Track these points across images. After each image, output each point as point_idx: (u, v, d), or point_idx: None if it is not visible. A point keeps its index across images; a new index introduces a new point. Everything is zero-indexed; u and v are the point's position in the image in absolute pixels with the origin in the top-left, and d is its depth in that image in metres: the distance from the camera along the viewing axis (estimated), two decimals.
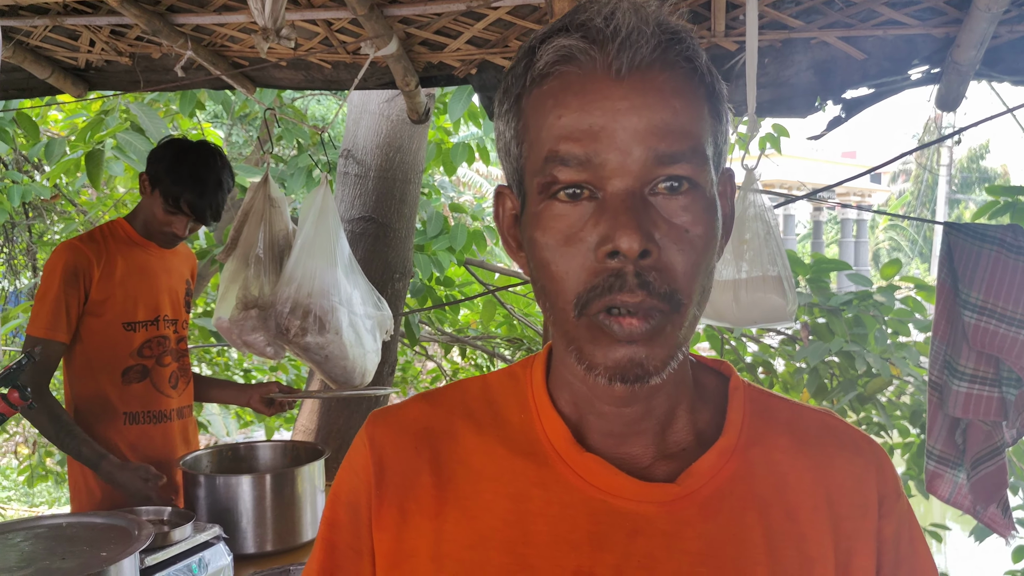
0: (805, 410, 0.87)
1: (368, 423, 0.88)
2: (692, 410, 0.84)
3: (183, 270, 2.66)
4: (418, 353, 6.51)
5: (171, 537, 1.80)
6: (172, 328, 2.58)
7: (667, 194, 0.72)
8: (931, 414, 2.38)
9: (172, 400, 2.58)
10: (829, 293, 4.02)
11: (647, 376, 0.73)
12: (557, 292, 0.74)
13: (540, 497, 0.80)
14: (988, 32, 2.16)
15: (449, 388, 0.90)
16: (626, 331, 0.71)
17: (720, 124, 0.77)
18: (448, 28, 2.55)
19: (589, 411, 0.82)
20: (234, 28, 2.63)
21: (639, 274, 0.70)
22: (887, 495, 0.83)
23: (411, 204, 3.88)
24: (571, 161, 0.72)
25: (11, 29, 2.65)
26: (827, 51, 2.39)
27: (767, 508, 0.79)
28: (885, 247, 28.76)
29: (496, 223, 0.86)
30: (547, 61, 0.74)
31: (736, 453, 0.81)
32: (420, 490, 0.82)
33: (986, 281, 2.23)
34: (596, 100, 0.72)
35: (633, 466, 0.80)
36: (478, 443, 0.84)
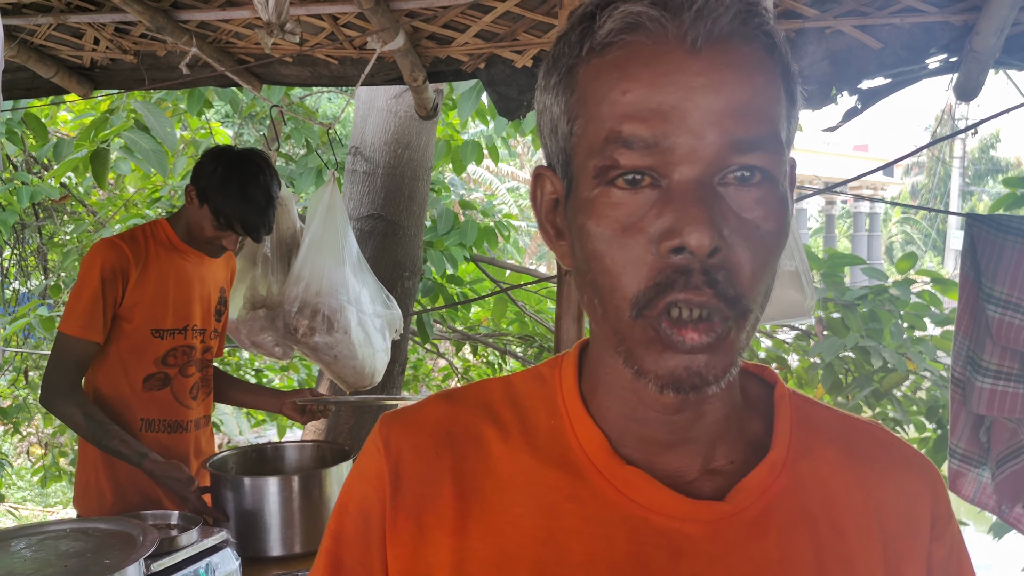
0: (853, 421, 0.81)
1: (382, 425, 0.80)
2: (740, 420, 0.77)
3: (219, 277, 2.60)
4: (429, 351, 6.49)
5: (178, 542, 1.77)
6: (199, 338, 2.53)
7: (738, 185, 0.65)
8: (954, 411, 2.33)
9: (191, 411, 2.53)
10: (843, 288, 3.97)
11: (705, 386, 0.66)
12: (612, 288, 0.67)
13: (574, 513, 0.73)
14: (1009, 19, 2.10)
15: (470, 388, 0.82)
16: (687, 344, 0.65)
17: (794, 108, 0.70)
18: (456, 22, 2.51)
19: (631, 416, 0.74)
20: (239, 24, 2.60)
21: (707, 271, 0.64)
22: (940, 516, 0.77)
23: (420, 201, 3.85)
24: (636, 144, 0.64)
25: (15, 28, 2.62)
26: (842, 40, 2.34)
27: (816, 525, 0.73)
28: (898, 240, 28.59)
29: (533, 206, 0.77)
30: (611, 29, 0.66)
31: (786, 467, 0.75)
32: (441, 501, 0.75)
33: (1011, 274, 2.17)
34: (669, 73, 0.64)
35: (677, 480, 0.73)
36: (505, 450, 0.76)
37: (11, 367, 6.24)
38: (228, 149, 2.47)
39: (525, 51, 2.54)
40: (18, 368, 6.27)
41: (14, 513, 7.67)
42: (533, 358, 5.67)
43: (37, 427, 7.41)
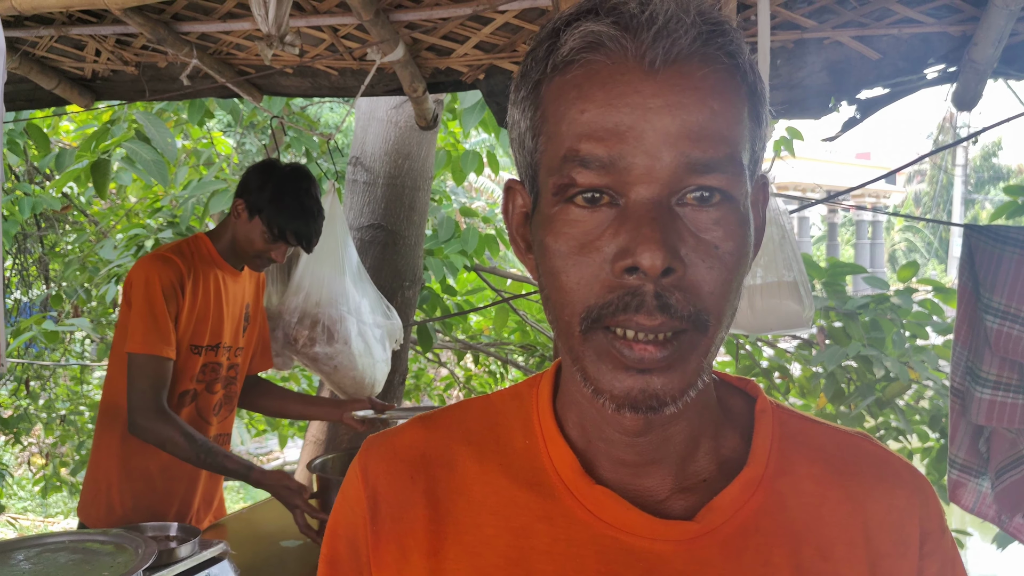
0: (840, 434, 0.79)
1: (362, 451, 0.82)
2: (716, 436, 0.76)
3: (249, 293, 2.59)
4: (431, 360, 6.49)
5: (176, 554, 1.77)
6: (227, 355, 2.50)
7: (696, 205, 0.65)
8: (953, 421, 2.32)
9: (211, 427, 2.49)
10: (845, 297, 3.96)
11: (661, 407, 0.65)
12: (564, 304, 0.67)
13: (545, 533, 0.73)
14: (1006, 30, 2.11)
15: (449, 410, 0.83)
16: (637, 356, 0.64)
17: (759, 128, 0.69)
18: (455, 33, 2.52)
19: (599, 437, 0.74)
20: (239, 36, 2.61)
21: (659, 295, 0.63)
22: (931, 532, 0.75)
23: (420, 211, 3.85)
24: (592, 163, 0.64)
25: (17, 40, 2.64)
26: (841, 51, 2.35)
27: (797, 545, 0.72)
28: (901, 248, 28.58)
29: (504, 220, 0.78)
30: (572, 47, 0.66)
31: (763, 484, 0.74)
32: (417, 524, 0.76)
33: (1008, 284, 2.17)
34: (625, 94, 0.64)
35: (648, 500, 0.73)
36: (479, 472, 0.77)
37: (12, 377, 6.25)
38: (276, 163, 2.49)
39: None
40: (19, 378, 6.27)
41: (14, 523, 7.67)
42: (535, 367, 5.67)
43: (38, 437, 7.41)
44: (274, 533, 2.44)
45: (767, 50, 1.97)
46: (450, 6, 2.35)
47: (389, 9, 2.38)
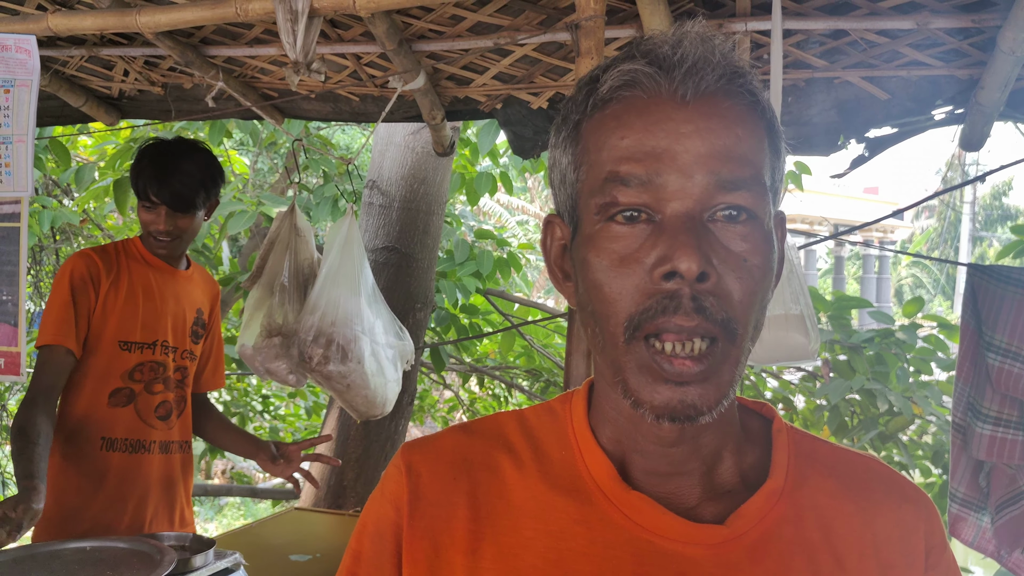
0: (850, 454, 0.86)
1: (403, 451, 0.85)
2: (738, 451, 0.82)
3: (198, 298, 2.55)
4: (435, 382, 6.51)
5: (192, 563, 1.81)
6: (171, 356, 2.46)
7: (725, 222, 0.72)
8: (954, 456, 2.36)
9: (155, 431, 2.41)
10: (851, 330, 4.00)
11: (698, 416, 0.71)
12: (608, 315, 0.73)
13: (583, 536, 0.77)
14: (1012, 75, 2.16)
15: (485, 420, 0.88)
16: (676, 371, 0.70)
17: (778, 160, 0.77)
18: (475, 64, 2.59)
19: (633, 449, 0.80)
20: (265, 60, 2.68)
21: (696, 297, 0.69)
22: (934, 546, 0.81)
23: (434, 235, 3.92)
24: (632, 182, 0.71)
25: (48, 59, 2.71)
26: (850, 90, 2.41)
27: (815, 553, 0.78)
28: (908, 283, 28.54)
29: (543, 252, 0.84)
30: (611, 86, 0.74)
31: (783, 496, 0.79)
32: (455, 523, 0.79)
33: (1010, 323, 2.22)
34: (660, 122, 0.72)
35: (680, 506, 0.78)
36: (518, 478, 0.81)
37: (21, 387, 6.30)
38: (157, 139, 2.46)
39: (541, 93, 2.61)
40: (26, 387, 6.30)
41: None
42: (540, 392, 5.70)
43: None
44: (284, 547, 2.48)
45: (779, 87, 2.03)
46: (472, 38, 2.42)
47: (412, 39, 2.45)
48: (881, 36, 2.26)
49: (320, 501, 3.70)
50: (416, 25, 2.41)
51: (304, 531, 2.68)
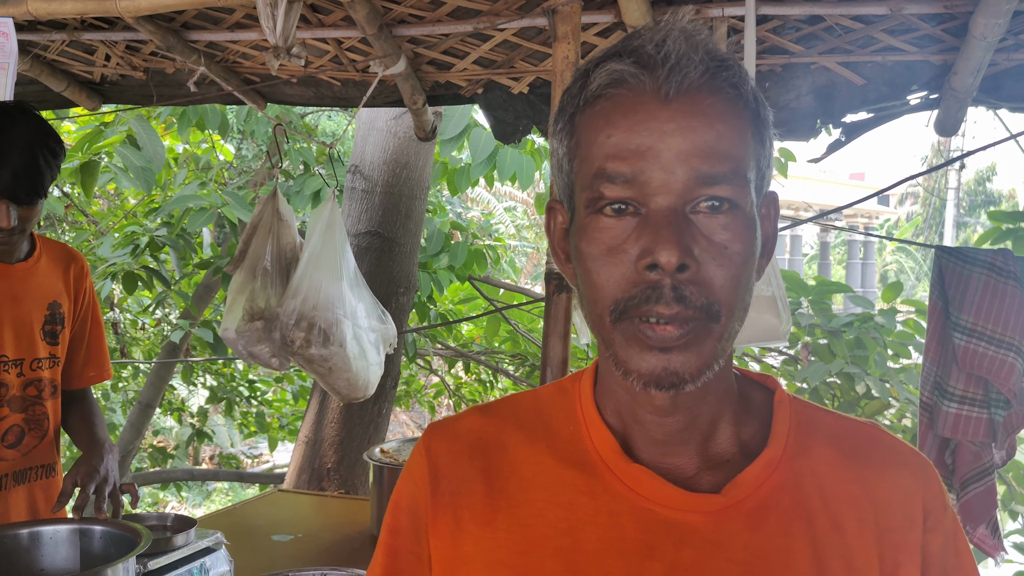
0: (851, 422, 0.89)
1: (426, 434, 0.93)
2: (736, 422, 0.86)
3: (48, 290, 2.13)
4: (422, 367, 6.54)
5: (174, 542, 1.83)
6: (15, 371, 2.05)
7: (708, 213, 0.76)
8: (921, 434, 2.41)
9: (9, 462, 2.04)
10: (831, 315, 4.05)
11: (682, 383, 0.76)
12: (596, 299, 0.78)
13: (589, 506, 0.83)
14: (984, 60, 2.19)
15: (503, 401, 0.95)
16: (659, 336, 0.75)
17: (763, 149, 0.81)
18: (455, 48, 2.60)
19: (633, 421, 0.85)
20: (246, 45, 2.68)
21: (676, 288, 0.74)
22: (933, 508, 0.84)
23: (416, 220, 3.93)
24: (617, 178, 0.76)
25: (29, 43, 2.71)
26: (827, 76, 2.43)
27: (813, 519, 0.81)
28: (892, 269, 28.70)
29: (547, 235, 0.90)
30: (600, 84, 0.78)
31: (781, 464, 0.84)
32: (473, 498, 0.86)
33: (976, 304, 2.27)
34: (644, 121, 0.76)
35: (678, 476, 0.83)
36: (529, 453, 0.88)
37: None
38: None
39: (522, 78, 2.62)
40: None
41: None
42: (525, 376, 5.74)
43: None
44: (266, 527, 2.51)
45: (752, 72, 2.05)
46: (451, 23, 2.43)
47: (392, 24, 2.46)
48: (856, 22, 2.28)
49: (304, 483, 3.72)
50: (396, 10, 2.42)
51: (286, 512, 2.71)
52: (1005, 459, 2.33)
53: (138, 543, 1.60)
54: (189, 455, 9.17)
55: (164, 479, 6.53)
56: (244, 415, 6.92)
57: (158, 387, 5.98)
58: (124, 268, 4.47)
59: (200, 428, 6.84)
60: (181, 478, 6.80)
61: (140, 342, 7.23)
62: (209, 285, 5.50)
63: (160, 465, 7.12)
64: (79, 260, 2.23)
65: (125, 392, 7.37)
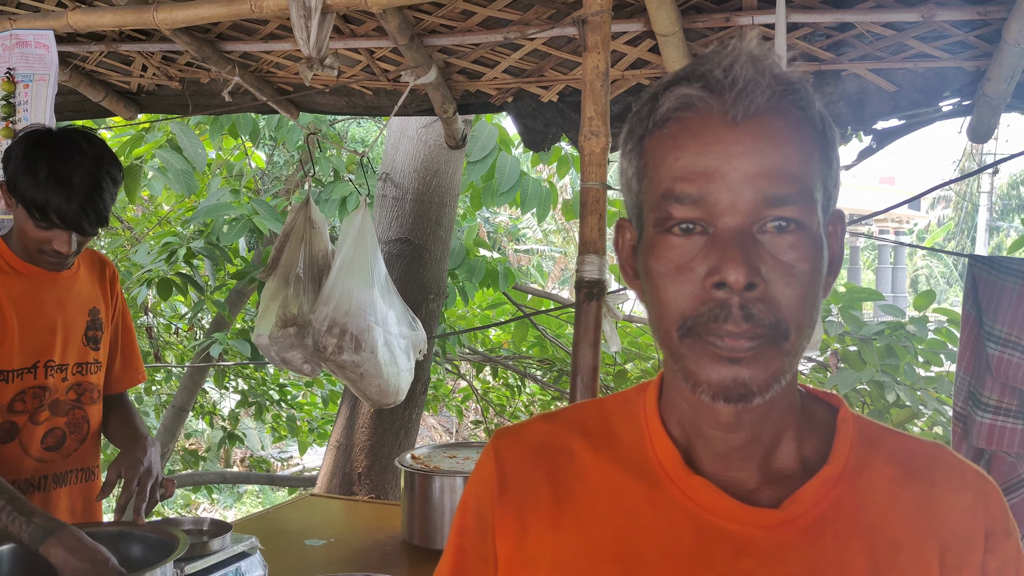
0: (914, 442, 0.90)
1: (494, 439, 0.96)
2: (799, 438, 0.87)
3: (88, 296, 2.16)
4: (450, 372, 6.57)
5: (210, 547, 1.86)
6: (60, 376, 2.08)
7: (775, 233, 0.77)
8: (955, 444, 2.38)
9: (49, 464, 2.06)
10: (861, 322, 4.02)
11: (750, 396, 0.77)
12: (664, 315, 0.80)
13: (650, 514, 0.85)
14: (1019, 66, 2.18)
15: (568, 409, 0.98)
16: (729, 346, 0.76)
17: (830, 169, 0.82)
18: (486, 58, 2.62)
19: (696, 435, 0.86)
20: (280, 55, 2.72)
21: (744, 306, 0.75)
22: (994, 531, 0.85)
23: (447, 227, 3.96)
24: (685, 199, 0.78)
25: (68, 54, 2.77)
26: (858, 83, 2.42)
27: (872, 536, 0.82)
28: (923, 274, 28.38)
29: (616, 252, 0.91)
30: (668, 107, 0.80)
31: (841, 481, 0.85)
32: (539, 501, 0.89)
33: (1010, 314, 2.25)
34: (711, 143, 0.78)
35: (739, 489, 0.85)
36: (594, 460, 0.90)
37: None
38: (41, 128, 2.01)
39: (551, 86, 2.64)
40: None
41: None
42: (552, 381, 5.75)
43: None
44: (298, 531, 2.53)
45: None
46: (482, 32, 2.45)
47: (424, 34, 2.49)
48: (887, 29, 2.28)
49: (335, 488, 3.76)
50: (427, 20, 2.45)
51: (318, 517, 2.74)
52: None
53: (175, 548, 1.63)
54: (220, 457, 9.26)
55: (197, 482, 6.60)
56: (275, 418, 6.98)
57: (191, 391, 6.05)
58: (159, 275, 4.53)
59: (231, 431, 6.91)
60: (213, 481, 6.87)
61: (173, 346, 7.32)
62: (242, 291, 5.57)
63: (192, 467, 7.20)
64: (110, 265, 2.28)
65: (159, 395, 7.46)
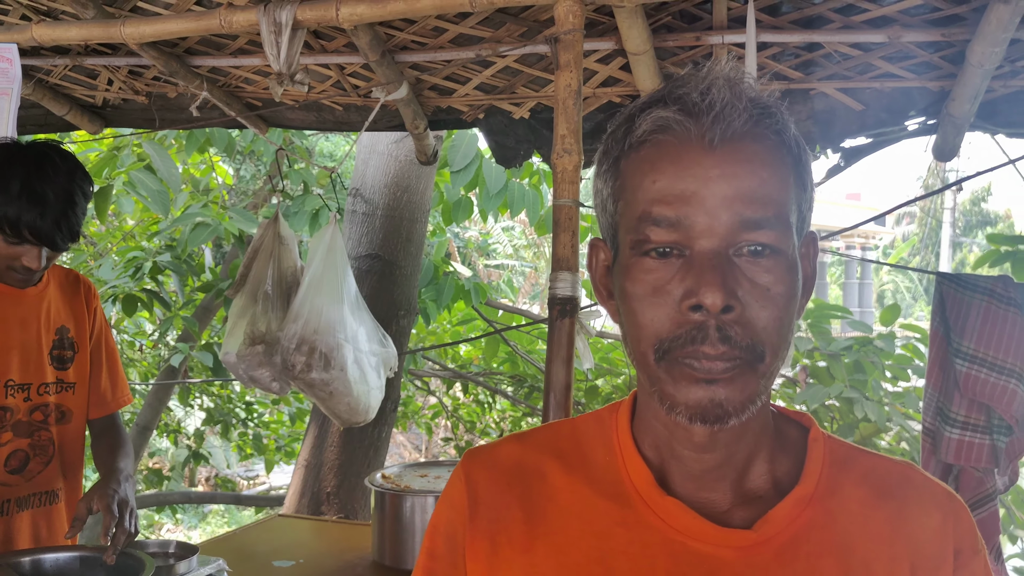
0: (886, 462, 0.90)
1: (464, 460, 0.94)
2: (771, 459, 0.87)
3: (56, 315, 2.13)
4: (419, 388, 6.53)
5: (176, 570, 1.82)
6: (22, 395, 2.04)
7: (751, 257, 0.78)
8: (924, 460, 2.41)
9: (12, 488, 2.02)
10: (830, 338, 4.06)
11: (726, 417, 0.77)
12: (640, 338, 0.80)
13: (623, 536, 0.85)
14: (982, 87, 2.22)
15: (540, 429, 0.96)
16: (705, 368, 0.76)
17: (805, 192, 0.83)
18: (457, 74, 2.62)
19: (670, 456, 0.86)
20: (249, 70, 2.70)
21: (721, 328, 0.75)
22: (963, 549, 0.85)
23: (417, 243, 3.95)
24: (663, 222, 0.78)
25: (32, 67, 2.72)
26: (826, 102, 2.45)
27: (845, 556, 0.82)
28: (889, 289, 28.75)
29: (589, 272, 0.91)
30: (645, 130, 0.80)
31: (813, 502, 0.85)
32: (511, 524, 0.88)
33: (977, 330, 2.28)
34: (689, 167, 0.78)
35: (712, 510, 0.84)
36: (566, 482, 0.89)
37: None
38: (11, 143, 2.01)
39: (523, 103, 2.64)
40: None
41: None
42: (524, 397, 5.73)
43: None
44: (267, 553, 2.49)
45: None
46: (454, 50, 2.45)
47: (395, 50, 2.48)
48: (854, 49, 2.30)
49: (304, 507, 3.71)
50: (399, 36, 2.44)
51: (287, 537, 2.69)
52: (1008, 485, 2.33)
53: (141, 571, 1.60)
54: (185, 477, 9.13)
55: (161, 502, 6.50)
56: (241, 437, 6.90)
57: (156, 409, 5.97)
58: (124, 291, 4.47)
59: (196, 450, 6.81)
60: (178, 501, 6.77)
61: (137, 363, 7.22)
62: (208, 307, 5.50)
63: (156, 487, 7.09)
64: (87, 283, 2.25)
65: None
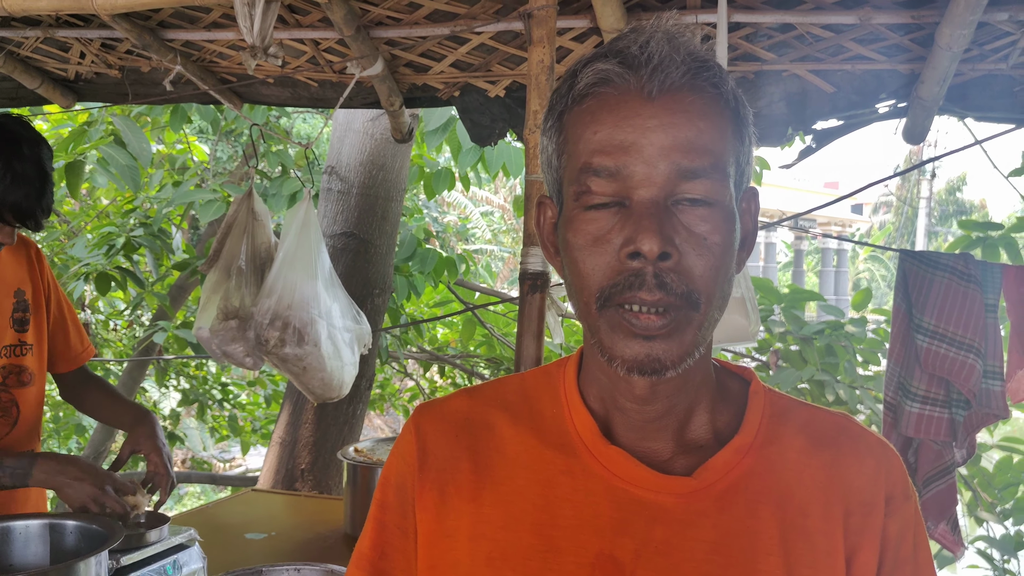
0: (822, 413, 0.94)
1: (415, 414, 0.97)
2: (712, 410, 0.90)
3: (11, 278, 2.14)
4: (397, 371, 6.54)
5: (147, 538, 1.83)
6: None
7: (688, 206, 0.80)
8: (885, 433, 2.46)
9: None
10: (802, 322, 4.10)
11: (663, 370, 0.80)
12: (582, 287, 0.82)
13: (567, 484, 0.88)
14: (950, 70, 2.24)
15: (489, 384, 0.99)
16: (643, 324, 0.79)
17: (743, 146, 0.85)
18: (432, 51, 2.62)
19: (614, 407, 0.89)
20: (223, 45, 2.69)
21: (658, 275, 0.78)
22: (895, 495, 0.88)
23: (392, 221, 3.94)
24: (603, 172, 0.80)
25: (2, 40, 2.69)
26: (798, 83, 2.48)
27: (782, 503, 0.86)
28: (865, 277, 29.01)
29: (536, 230, 0.93)
30: (586, 83, 0.82)
31: (752, 451, 0.88)
32: (459, 475, 0.91)
33: (938, 307, 2.33)
34: (628, 118, 0.80)
35: (654, 459, 0.88)
36: (513, 433, 0.92)
37: None
38: None
39: (498, 81, 2.65)
40: None
41: None
42: None
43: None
44: (240, 525, 2.50)
45: None
46: (429, 25, 2.45)
47: (370, 26, 2.48)
48: (826, 31, 2.33)
49: (278, 484, 3.72)
50: (374, 12, 2.44)
51: (260, 511, 2.71)
52: (966, 457, 2.39)
53: (110, 538, 1.60)
54: None
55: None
56: (216, 418, 6.88)
57: (131, 388, 5.93)
58: (97, 269, 4.43)
59: (172, 431, 6.79)
60: None
61: (112, 343, 7.17)
62: (183, 286, 5.47)
63: (131, 468, 7.06)
64: (32, 245, 2.25)
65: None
